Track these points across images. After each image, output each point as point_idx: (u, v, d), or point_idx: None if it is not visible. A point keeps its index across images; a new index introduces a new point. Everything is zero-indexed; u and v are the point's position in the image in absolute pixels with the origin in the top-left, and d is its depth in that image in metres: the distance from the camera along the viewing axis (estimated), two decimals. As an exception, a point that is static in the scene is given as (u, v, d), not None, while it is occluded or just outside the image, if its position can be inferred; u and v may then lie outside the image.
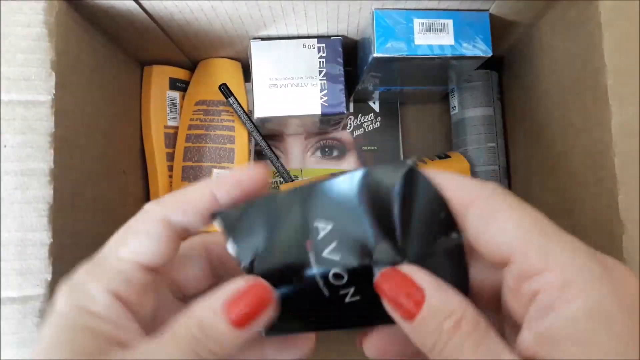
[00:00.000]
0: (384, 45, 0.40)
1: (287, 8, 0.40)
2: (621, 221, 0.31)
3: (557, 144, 0.41)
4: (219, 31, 0.44)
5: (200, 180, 0.22)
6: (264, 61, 0.45)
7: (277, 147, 0.54)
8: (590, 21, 0.34)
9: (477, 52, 0.41)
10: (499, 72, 0.53)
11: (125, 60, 0.48)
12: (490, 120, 0.51)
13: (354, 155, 0.55)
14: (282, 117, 0.45)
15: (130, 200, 0.47)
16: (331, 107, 0.45)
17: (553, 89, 0.41)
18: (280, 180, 0.53)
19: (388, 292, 0.19)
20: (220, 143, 0.49)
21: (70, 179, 0.35)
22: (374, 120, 0.55)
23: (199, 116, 0.50)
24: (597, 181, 0.34)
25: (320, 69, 0.45)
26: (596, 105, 0.34)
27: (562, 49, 0.39)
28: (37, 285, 0.30)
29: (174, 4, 0.38)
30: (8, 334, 0.30)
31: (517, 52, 0.48)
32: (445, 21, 0.41)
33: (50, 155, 0.31)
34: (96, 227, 0.39)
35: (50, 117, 0.32)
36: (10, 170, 0.31)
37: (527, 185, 0.47)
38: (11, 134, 0.31)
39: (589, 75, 0.34)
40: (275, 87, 0.45)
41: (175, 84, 0.52)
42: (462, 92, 0.52)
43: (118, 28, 0.42)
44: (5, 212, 0.30)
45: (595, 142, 0.34)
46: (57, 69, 0.32)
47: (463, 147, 0.52)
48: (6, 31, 0.31)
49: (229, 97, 0.48)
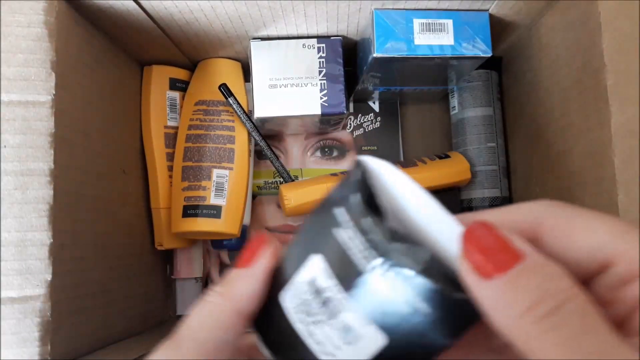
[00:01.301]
0: (384, 45, 0.40)
1: (287, 8, 0.40)
2: (621, 221, 0.31)
3: (557, 144, 0.41)
4: (219, 31, 0.44)
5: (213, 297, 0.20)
6: (264, 61, 0.45)
7: (277, 147, 0.54)
8: (590, 21, 0.34)
9: (477, 52, 0.41)
10: (499, 72, 0.53)
11: (125, 60, 0.48)
12: (490, 120, 0.51)
13: (354, 155, 0.55)
14: (282, 117, 0.45)
15: (130, 200, 0.47)
16: (331, 107, 0.45)
17: (553, 89, 0.41)
18: (280, 180, 0.53)
19: (474, 243, 0.16)
20: (220, 143, 0.49)
21: (70, 179, 0.35)
22: (374, 120, 0.55)
23: (199, 116, 0.50)
24: (597, 181, 0.34)
25: (320, 69, 0.45)
26: (596, 105, 0.34)
27: (562, 49, 0.39)
28: (37, 285, 0.30)
29: (174, 4, 0.38)
30: (8, 334, 0.30)
31: (517, 52, 0.48)
32: (445, 21, 0.41)
33: (50, 155, 0.31)
34: (96, 227, 0.39)
35: (50, 117, 0.32)
36: (10, 170, 0.31)
37: (527, 185, 0.47)
38: (11, 134, 0.31)
39: (589, 75, 0.34)
40: (275, 87, 0.45)
41: (175, 84, 0.52)
42: (462, 92, 0.52)
43: (118, 28, 0.42)
44: (5, 212, 0.30)
45: (595, 142, 0.34)
46: (57, 69, 0.32)
47: (463, 147, 0.52)
48: (6, 31, 0.31)
49: (229, 97, 0.48)
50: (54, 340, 0.31)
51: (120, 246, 0.44)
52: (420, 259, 0.16)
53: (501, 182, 0.50)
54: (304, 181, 0.48)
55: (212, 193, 0.48)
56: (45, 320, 0.31)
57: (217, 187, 0.49)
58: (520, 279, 0.14)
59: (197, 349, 0.19)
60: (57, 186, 0.32)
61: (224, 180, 0.49)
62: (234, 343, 0.20)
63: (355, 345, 0.18)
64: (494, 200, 0.50)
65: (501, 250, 0.15)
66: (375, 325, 0.17)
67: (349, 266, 0.17)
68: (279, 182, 0.54)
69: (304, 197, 0.46)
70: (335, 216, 0.18)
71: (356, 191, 0.18)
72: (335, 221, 0.18)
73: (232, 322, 0.19)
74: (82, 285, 0.36)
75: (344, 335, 0.18)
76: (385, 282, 0.17)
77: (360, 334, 0.17)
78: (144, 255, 0.49)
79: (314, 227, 0.19)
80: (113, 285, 0.41)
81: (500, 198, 0.50)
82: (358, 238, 0.17)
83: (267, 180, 0.54)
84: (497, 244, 0.15)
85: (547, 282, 0.14)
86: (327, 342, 0.18)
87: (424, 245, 0.17)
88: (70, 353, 0.34)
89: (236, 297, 0.20)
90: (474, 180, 0.50)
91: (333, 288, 0.18)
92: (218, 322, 0.19)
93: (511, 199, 0.51)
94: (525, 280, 0.14)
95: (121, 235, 0.44)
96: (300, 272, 0.19)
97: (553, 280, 0.14)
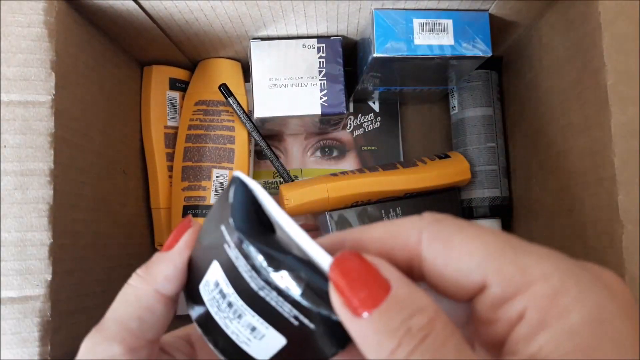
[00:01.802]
0: (384, 46, 0.40)
1: (287, 8, 0.40)
2: (621, 221, 0.31)
3: (557, 144, 0.41)
4: (219, 31, 0.44)
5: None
6: (264, 61, 0.45)
7: (277, 147, 0.54)
8: (590, 21, 0.34)
9: (477, 52, 0.41)
10: (499, 72, 0.53)
11: (125, 60, 0.48)
12: (490, 120, 0.51)
13: (353, 155, 0.55)
14: (282, 117, 0.45)
15: (130, 200, 0.47)
16: (331, 107, 0.45)
17: (553, 89, 0.41)
18: (280, 180, 0.53)
19: (342, 277, 0.16)
20: (220, 143, 0.49)
21: (70, 179, 0.35)
22: (373, 120, 0.55)
23: (199, 116, 0.50)
24: (597, 181, 0.34)
25: (320, 69, 0.45)
26: (596, 105, 0.34)
27: (562, 49, 0.39)
28: (37, 285, 0.30)
29: (174, 4, 0.38)
30: (8, 334, 0.30)
31: (517, 52, 0.48)
32: (445, 21, 0.41)
33: (50, 155, 0.31)
34: (96, 227, 0.39)
35: (50, 117, 0.32)
36: (10, 171, 0.31)
37: (527, 185, 0.47)
38: (11, 134, 0.31)
39: (589, 75, 0.34)
40: (275, 87, 0.45)
41: (175, 84, 0.52)
42: (462, 92, 0.52)
43: (118, 28, 0.42)
44: (5, 212, 0.30)
45: (595, 142, 0.34)
46: (57, 69, 0.32)
47: (463, 147, 0.52)
48: (6, 31, 0.31)
49: (229, 97, 0.48)
50: (54, 340, 0.31)
51: (120, 246, 0.44)
52: (301, 283, 0.17)
53: (501, 182, 0.50)
54: (303, 181, 0.48)
55: (212, 193, 0.48)
56: (45, 320, 0.31)
57: (217, 187, 0.49)
58: (385, 318, 0.15)
59: (121, 330, 0.20)
60: (57, 186, 0.32)
61: (224, 180, 0.49)
62: (162, 324, 0.21)
63: (261, 340, 0.19)
64: (494, 200, 0.50)
65: (368, 282, 0.16)
66: (274, 329, 0.19)
67: (241, 281, 0.19)
68: (279, 182, 0.54)
69: (304, 197, 0.46)
70: (222, 233, 0.19)
71: (230, 215, 0.18)
72: (223, 238, 0.19)
73: (152, 302, 0.21)
74: (82, 285, 0.36)
75: (251, 332, 0.19)
76: (273, 301, 0.18)
77: (264, 333, 0.19)
78: (144, 255, 0.49)
79: (212, 232, 0.20)
80: (113, 285, 0.41)
81: (500, 198, 0.50)
82: (241, 260, 0.18)
83: (267, 180, 0.54)
84: (363, 276, 0.16)
85: (409, 319, 0.15)
86: (239, 334, 0.20)
87: (303, 266, 0.18)
88: (70, 353, 0.34)
89: (155, 278, 0.21)
90: (474, 180, 0.50)
91: (232, 295, 0.19)
92: (139, 303, 0.21)
93: (511, 198, 0.51)
94: (390, 320, 0.15)
95: (121, 235, 0.44)
96: (209, 271, 0.20)
97: (415, 315, 0.15)
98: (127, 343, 0.20)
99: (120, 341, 0.20)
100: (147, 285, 0.21)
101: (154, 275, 0.21)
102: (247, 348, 0.20)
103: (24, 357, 0.30)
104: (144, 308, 0.20)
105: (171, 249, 0.21)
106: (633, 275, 0.30)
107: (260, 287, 0.18)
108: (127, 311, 0.20)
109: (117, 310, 0.21)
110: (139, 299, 0.21)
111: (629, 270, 0.30)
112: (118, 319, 0.20)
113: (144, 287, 0.21)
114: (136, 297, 0.21)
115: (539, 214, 0.44)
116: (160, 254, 0.22)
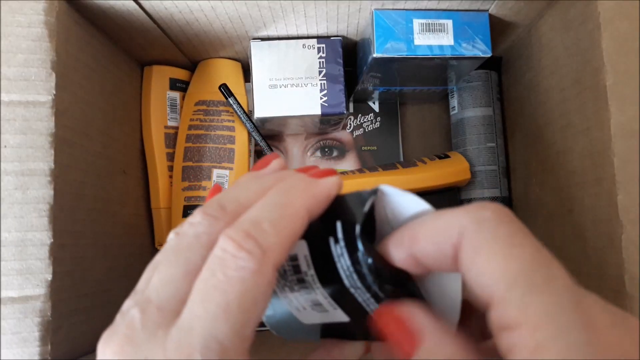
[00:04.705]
0: (384, 46, 0.40)
1: (287, 8, 0.40)
2: (620, 221, 0.31)
3: (556, 144, 0.41)
4: (219, 31, 0.44)
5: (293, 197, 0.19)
6: (264, 61, 0.45)
7: (277, 147, 0.55)
8: (590, 21, 0.34)
9: (477, 52, 0.41)
10: (499, 72, 0.53)
11: (125, 60, 0.48)
12: (490, 120, 0.51)
13: (353, 155, 0.55)
14: (282, 117, 0.45)
15: (130, 201, 0.47)
16: (331, 107, 0.45)
17: (553, 89, 0.41)
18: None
19: (385, 330, 0.19)
20: (220, 143, 0.49)
21: (70, 179, 0.35)
22: (373, 120, 0.55)
23: (199, 116, 0.50)
24: (597, 181, 0.34)
25: (320, 69, 0.45)
26: (596, 105, 0.34)
27: (562, 49, 0.39)
28: (37, 285, 0.30)
29: (174, 4, 0.38)
30: (8, 334, 0.30)
31: (517, 52, 0.48)
32: (445, 21, 0.41)
33: (50, 155, 0.32)
34: (96, 227, 0.39)
35: (50, 117, 0.32)
36: (10, 170, 0.31)
37: (527, 185, 0.47)
38: (11, 134, 0.31)
39: (588, 75, 0.34)
40: (275, 87, 0.45)
41: (175, 84, 0.52)
42: (462, 92, 0.52)
43: (118, 28, 0.42)
44: (5, 212, 0.30)
45: (595, 142, 0.34)
46: (57, 69, 0.32)
47: (463, 147, 0.52)
48: (6, 31, 0.31)
49: (229, 97, 0.48)
50: (54, 340, 0.31)
51: (120, 246, 0.44)
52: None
53: (501, 182, 0.50)
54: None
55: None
56: (45, 320, 0.31)
57: (217, 187, 0.48)
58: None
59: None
60: (57, 186, 0.32)
61: (224, 180, 0.49)
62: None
63: (320, 313, 0.20)
64: (494, 200, 0.50)
65: (402, 334, 0.18)
66: (343, 311, 0.20)
67: (332, 274, 0.19)
68: (279, 182, 0.54)
69: (304, 197, 0.46)
70: (336, 227, 0.19)
71: (359, 223, 0.18)
72: (333, 232, 0.19)
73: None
74: (82, 285, 0.36)
75: (312, 305, 0.20)
76: (360, 298, 0.19)
77: (328, 310, 0.20)
78: (144, 255, 0.49)
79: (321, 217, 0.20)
80: (113, 285, 0.41)
81: (500, 198, 0.50)
82: (346, 261, 0.19)
83: (267, 180, 0.54)
84: (399, 329, 0.18)
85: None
86: (295, 302, 0.21)
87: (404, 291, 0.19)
88: (70, 353, 0.34)
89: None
90: (474, 180, 0.50)
91: (309, 276, 0.20)
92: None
93: (511, 198, 0.51)
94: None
95: (121, 235, 0.44)
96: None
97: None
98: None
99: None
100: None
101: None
102: (297, 313, 0.21)
103: (24, 357, 0.30)
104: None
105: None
106: (633, 275, 0.30)
107: (355, 287, 0.19)
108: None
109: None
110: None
111: (629, 270, 0.30)
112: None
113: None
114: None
115: (539, 214, 0.45)
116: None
